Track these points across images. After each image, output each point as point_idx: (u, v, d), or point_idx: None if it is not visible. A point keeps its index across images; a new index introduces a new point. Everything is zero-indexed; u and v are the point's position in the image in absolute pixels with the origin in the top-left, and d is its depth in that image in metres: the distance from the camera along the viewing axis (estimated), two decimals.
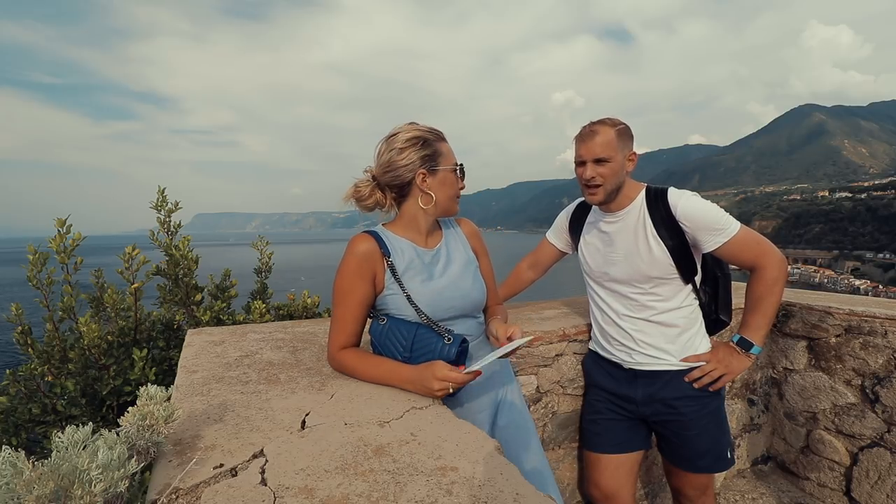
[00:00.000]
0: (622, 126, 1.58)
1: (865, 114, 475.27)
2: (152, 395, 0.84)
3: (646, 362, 1.70)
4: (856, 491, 2.20)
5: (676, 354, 1.68)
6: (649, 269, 1.61)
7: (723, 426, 1.73)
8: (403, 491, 0.78)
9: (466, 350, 1.22)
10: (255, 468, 0.84)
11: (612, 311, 1.76)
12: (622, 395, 1.77)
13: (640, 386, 1.72)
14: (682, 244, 1.57)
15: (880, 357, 2.13)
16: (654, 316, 1.67)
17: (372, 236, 1.26)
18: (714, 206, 1.55)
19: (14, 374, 1.96)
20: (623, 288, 1.70)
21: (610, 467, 1.81)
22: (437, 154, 1.28)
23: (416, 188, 1.28)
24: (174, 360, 2.08)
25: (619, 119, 1.59)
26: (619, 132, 1.56)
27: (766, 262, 1.53)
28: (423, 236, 1.33)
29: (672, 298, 1.65)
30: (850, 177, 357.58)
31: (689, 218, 1.53)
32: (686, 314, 1.67)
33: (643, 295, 1.67)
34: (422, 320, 1.24)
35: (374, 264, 1.24)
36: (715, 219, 1.52)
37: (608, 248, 1.72)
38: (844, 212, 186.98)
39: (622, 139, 1.56)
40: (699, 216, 1.52)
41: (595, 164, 1.56)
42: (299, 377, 1.29)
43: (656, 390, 1.69)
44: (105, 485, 0.62)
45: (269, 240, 2.83)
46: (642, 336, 1.69)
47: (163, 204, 2.29)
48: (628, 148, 1.59)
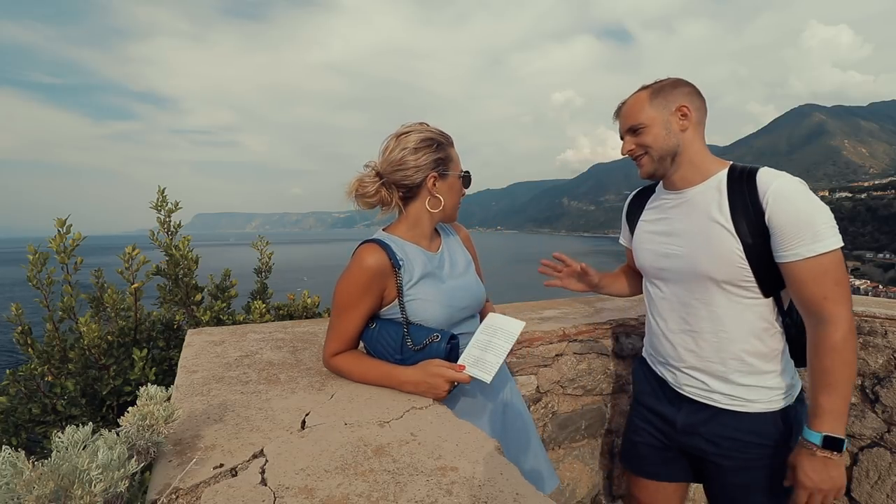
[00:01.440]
0: (660, 83, 1.33)
1: (865, 114, 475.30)
2: (152, 395, 0.84)
3: (692, 391, 1.40)
4: (856, 491, 2.20)
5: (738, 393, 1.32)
6: (714, 267, 1.27)
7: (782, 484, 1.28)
8: (403, 491, 0.78)
9: (457, 346, 1.21)
10: (255, 468, 0.84)
11: (662, 320, 1.45)
12: (661, 414, 1.49)
13: (684, 411, 1.42)
14: (766, 243, 1.21)
15: (880, 357, 2.13)
16: (714, 333, 1.32)
17: (382, 248, 1.19)
18: (821, 205, 1.17)
19: (14, 374, 1.96)
20: (679, 290, 1.38)
21: (649, 489, 1.59)
22: (448, 159, 1.27)
23: (426, 190, 1.26)
24: (174, 360, 2.08)
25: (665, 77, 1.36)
26: (653, 91, 1.32)
27: (835, 314, 1.13)
28: (427, 239, 1.32)
29: (743, 313, 1.28)
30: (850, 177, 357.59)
31: (776, 206, 1.17)
32: (760, 336, 1.28)
33: (703, 303, 1.33)
34: (438, 325, 1.23)
35: (386, 279, 1.19)
36: (809, 221, 1.14)
37: (665, 236, 1.41)
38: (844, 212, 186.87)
39: (658, 97, 1.31)
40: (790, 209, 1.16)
41: (631, 135, 1.36)
42: (299, 377, 1.29)
43: (703, 421, 1.38)
44: (105, 485, 0.62)
45: (269, 240, 2.83)
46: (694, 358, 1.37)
47: (163, 204, 2.29)
48: (673, 102, 1.30)
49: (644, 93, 1.34)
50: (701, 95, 1.36)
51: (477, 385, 1.30)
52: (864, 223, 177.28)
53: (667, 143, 1.32)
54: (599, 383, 2.08)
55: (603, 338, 2.08)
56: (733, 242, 1.23)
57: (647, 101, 1.33)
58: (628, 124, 1.36)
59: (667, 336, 1.44)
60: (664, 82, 1.34)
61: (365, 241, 1.24)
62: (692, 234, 1.33)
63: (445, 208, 1.29)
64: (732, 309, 1.29)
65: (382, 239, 1.24)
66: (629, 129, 1.36)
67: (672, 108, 1.31)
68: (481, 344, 1.18)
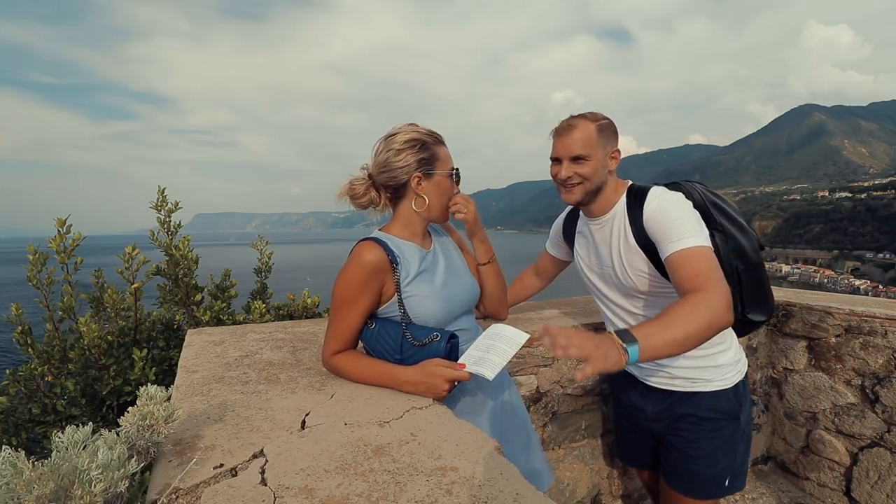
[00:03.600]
0: (605, 121, 1.43)
1: (865, 114, 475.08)
2: (152, 395, 0.84)
3: (657, 381, 1.58)
4: (856, 491, 2.20)
5: (693, 375, 1.50)
6: (635, 284, 1.45)
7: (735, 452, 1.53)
8: (403, 491, 0.78)
9: (457, 345, 1.22)
10: (255, 468, 0.84)
11: (613, 326, 1.61)
12: (633, 404, 1.68)
13: (653, 401, 1.61)
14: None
15: (880, 357, 2.13)
16: None
17: (379, 245, 1.22)
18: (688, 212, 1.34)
19: (14, 374, 1.96)
20: (621, 302, 1.55)
21: (646, 478, 1.80)
22: (433, 158, 1.27)
23: (411, 190, 1.28)
24: (174, 360, 2.08)
25: (603, 114, 1.45)
26: (600, 127, 1.41)
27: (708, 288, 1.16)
28: (420, 237, 1.33)
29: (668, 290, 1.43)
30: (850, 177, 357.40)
31: (651, 222, 1.35)
32: None
33: (642, 311, 1.51)
34: (436, 322, 1.24)
35: (384, 275, 1.21)
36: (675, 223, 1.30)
37: (596, 258, 1.58)
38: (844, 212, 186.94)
39: (604, 135, 1.42)
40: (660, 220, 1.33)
41: (572, 162, 1.42)
42: (299, 377, 1.29)
43: (668, 406, 1.57)
44: (105, 485, 0.62)
45: (269, 240, 2.83)
46: None
47: (163, 204, 2.29)
48: (611, 144, 1.44)
49: (592, 126, 1.41)
50: None
51: (477, 385, 1.30)
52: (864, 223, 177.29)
53: (600, 178, 1.44)
54: (599, 383, 2.08)
55: None
56: (640, 257, 1.41)
57: (595, 135, 1.40)
58: (576, 152, 1.41)
59: None
60: (605, 122, 1.43)
61: (362, 239, 1.26)
62: (610, 256, 1.50)
63: (431, 208, 1.30)
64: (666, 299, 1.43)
65: (379, 237, 1.27)
66: (575, 157, 1.41)
67: (609, 149, 1.44)
68: (483, 347, 1.18)
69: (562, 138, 1.43)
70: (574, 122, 1.42)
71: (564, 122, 1.45)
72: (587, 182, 1.43)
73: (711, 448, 1.51)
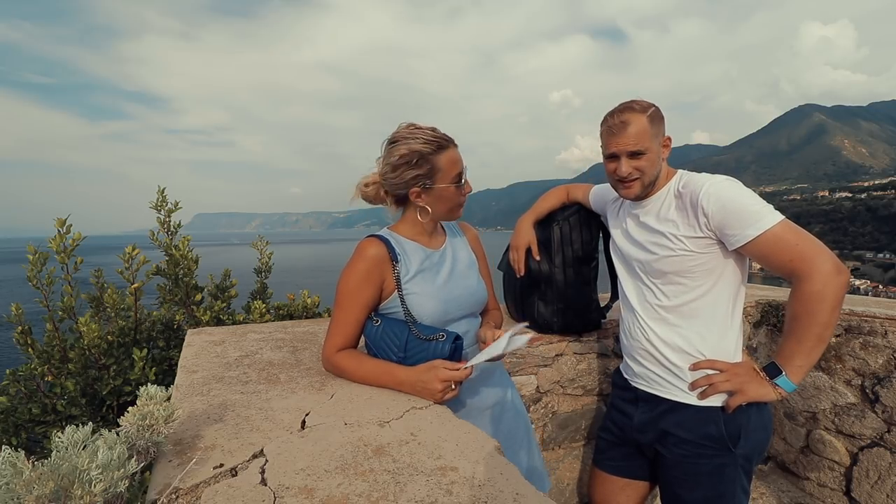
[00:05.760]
0: (653, 108, 1.37)
1: (865, 114, 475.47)
2: (152, 395, 0.84)
3: (642, 382, 1.51)
4: (856, 491, 2.20)
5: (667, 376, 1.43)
6: (667, 267, 1.41)
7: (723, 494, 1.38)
8: (403, 491, 0.78)
9: (461, 347, 1.22)
10: (255, 468, 0.84)
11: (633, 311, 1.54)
12: (623, 411, 1.60)
13: (640, 409, 1.53)
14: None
15: (880, 357, 2.12)
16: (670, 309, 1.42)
17: (382, 241, 1.25)
18: (750, 194, 1.30)
19: (14, 374, 1.96)
20: (649, 284, 1.48)
21: (605, 484, 1.67)
22: (433, 171, 1.23)
23: (412, 201, 1.29)
24: (174, 360, 2.08)
25: (648, 101, 1.39)
26: (651, 118, 1.36)
27: (806, 270, 1.20)
28: (427, 237, 1.34)
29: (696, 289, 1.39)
30: (850, 177, 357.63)
31: (712, 204, 1.29)
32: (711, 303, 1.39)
33: (670, 296, 1.43)
34: (432, 322, 1.24)
35: (384, 269, 1.23)
36: (744, 206, 1.26)
37: (630, 241, 1.54)
38: (844, 212, 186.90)
39: (655, 124, 1.37)
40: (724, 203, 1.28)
41: (630, 157, 1.37)
42: (299, 377, 1.29)
43: (656, 416, 1.47)
44: (105, 485, 0.62)
45: (269, 240, 2.84)
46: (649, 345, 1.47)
47: (162, 204, 2.29)
48: (662, 133, 1.39)
49: (644, 118, 1.36)
50: None
51: (477, 385, 1.30)
52: (864, 223, 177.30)
53: (656, 169, 1.40)
54: (599, 383, 2.08)
55: (603, 338, 2.08)
56: (677, 242, 1.37)
57: (648, 127, 1.35)
58: (635, 148, 1.35)
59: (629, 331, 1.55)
60: (654, 110, 1.38)
61: (367, 236, 1.29)
62: (647, 237, 1.45)
63: (435, 216, 1.30)
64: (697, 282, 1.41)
65: (383, 234, 1.30)
66: (633, 153, 1.36)
67: (661, 138, 1.40)
68: (487, 353, 1.18)
69: (616, 136, 1.37)
70: (627, 118, 1.36)
71: (614, 117, 1.38)
72: (645, 176, 1.39)
73: (700, 480, 1.40)
